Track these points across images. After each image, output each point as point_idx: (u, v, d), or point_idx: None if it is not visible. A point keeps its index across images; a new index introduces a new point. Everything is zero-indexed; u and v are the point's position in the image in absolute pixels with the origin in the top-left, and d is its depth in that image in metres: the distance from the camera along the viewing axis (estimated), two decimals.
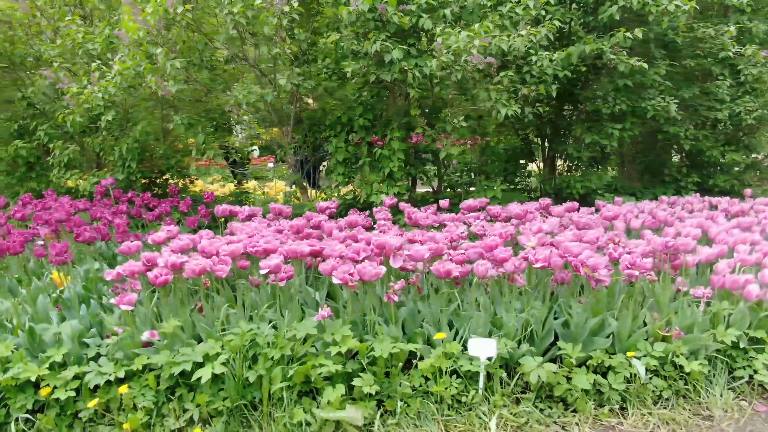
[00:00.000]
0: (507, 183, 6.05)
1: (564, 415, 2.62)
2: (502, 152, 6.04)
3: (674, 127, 5.89)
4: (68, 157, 5.40)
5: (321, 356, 2.61)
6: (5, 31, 5.21)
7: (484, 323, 2.83)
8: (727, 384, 2.81)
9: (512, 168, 5.90)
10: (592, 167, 6.10)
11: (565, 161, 6.10)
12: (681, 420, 2.59)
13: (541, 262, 2.68)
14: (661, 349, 2.72)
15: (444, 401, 2.62)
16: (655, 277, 2.94)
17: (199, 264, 2.72)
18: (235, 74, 5.09)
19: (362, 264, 2.66)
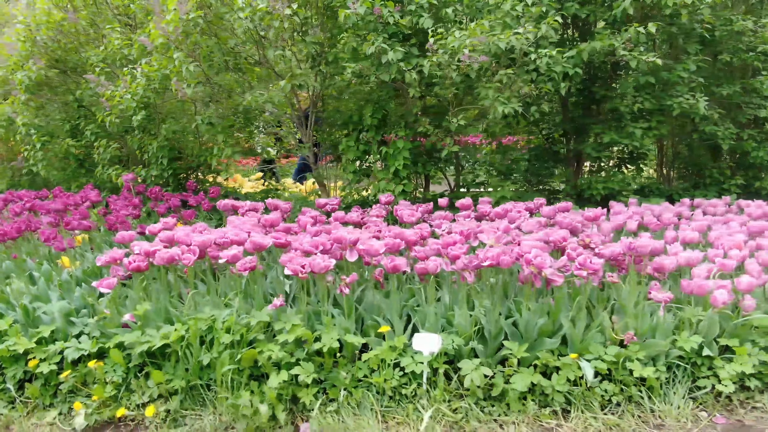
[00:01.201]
0: (528, 183, 5.94)
1: (505, 414, 2.61)
2: (526, 152, 5.93)
3: (712, 126, 5.56)
4: (110, 155, 5.87)
5: (270, 343, 2.75)
6: (59, 39, 5.74)
7: (436, 319, 2.86)
8: (688, 393, 2.69)
9: (534, 168, 5.78)
10: (620, 168, 5.87)
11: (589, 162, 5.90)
12: (626, 427, 2.52)
13: (489, 260, 2.68)
14: (613, 352, 2.65)
15: (385, 393, 2.68)
16: (616, 279, 2.86)
17: (167, 252, 2.94)
18: (262, 76, 5.35)
19: (313, 257, 2.77)
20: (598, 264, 2.63)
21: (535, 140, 6.16)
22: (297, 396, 2.67)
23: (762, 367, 2.70)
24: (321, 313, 2.93)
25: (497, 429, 2.54)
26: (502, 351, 2.78)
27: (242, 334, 2.76)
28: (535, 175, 5.88)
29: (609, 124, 5.18)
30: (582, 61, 4.52)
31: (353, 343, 2.73)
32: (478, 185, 5.85)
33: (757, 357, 2.69)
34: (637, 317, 2.78)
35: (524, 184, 5.94)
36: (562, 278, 2.72)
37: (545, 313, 2.81)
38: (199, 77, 4.76)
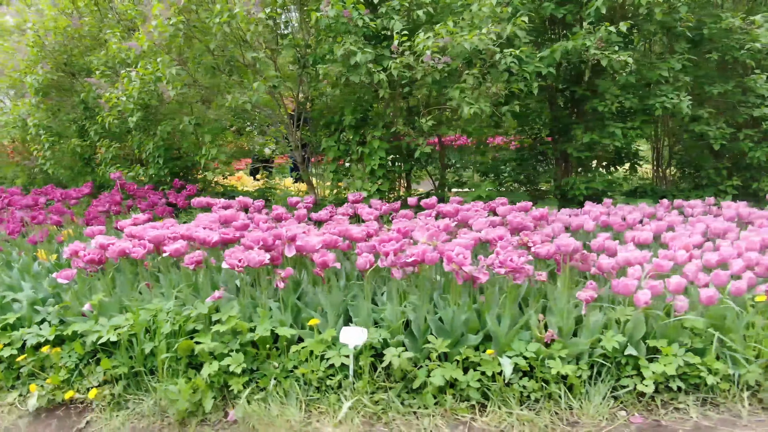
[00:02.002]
0: (516, 183, 5.93)
1: (424, 407, 2.68)
2: (512, 152, 5.94)
3: (702, 125, 5.46)
4: (112, 154, 6.15)
5: (206, 334, 2.89)
6: (65, 44, 6.05)
7: (368, 314, 2.95)
8: (611, 392, 2.70)
9: (520, 168, 5.77)
10: (608, 168, 5.81)
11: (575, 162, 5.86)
12: (540, 423, 2.55)
13: (414, 257, 2.75)
14: (533, 349, 2.69)
15: (312, 383, 2.79)
16: (544, 278, 2.89)
17: (119, 246, 3.11)
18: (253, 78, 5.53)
19: (249, 251, 2.90)
20: (517, 263, 2.67)
21: (525, 140, 6.15)
22: (228, 384, 2.81)
23: (687, 368, 2.69)
24: (259, 306, 3.05)
25: (414, 421, 2.62)
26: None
27: (180, 325, 2.91)
28: (522, 175, 5.88)
29: (590, 124, 5.15)
30: (555, 61, 4.52)
31: (284, 335, 2.84)
32: (463, 185, 5.89)
33: (682, 358, 2.68)
34: (564, 316, 2.81)
35: (512, 184, 5.95)
36: (488, 276, 2.77)
37: (473, 310, 2.86)
38: (185, 80, 4.96)
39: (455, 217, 3.63)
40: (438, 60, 4.08)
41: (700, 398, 2.70)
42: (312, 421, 2.66)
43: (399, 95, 4.70)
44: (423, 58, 4.06)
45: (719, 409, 2.65)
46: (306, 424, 2.64)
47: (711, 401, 2.69)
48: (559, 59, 4.48)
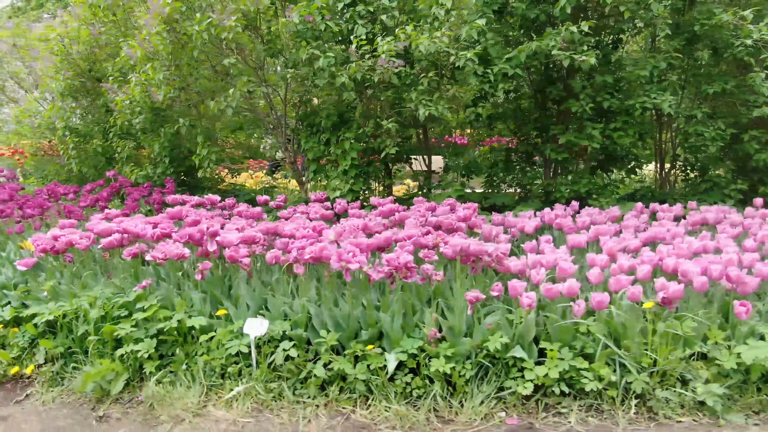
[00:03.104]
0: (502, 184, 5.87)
1: (315, 397, 2.80)
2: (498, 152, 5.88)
3: (698, 126, 5.23)
4: (127, 154, 6.62)
5: (128, 320, 3.14)
6: (86, 52, 6.57)
7: (280, 306, 3.11)
8: (496, 393, 2.72)
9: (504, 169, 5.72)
10: (596, 170, 5.64)
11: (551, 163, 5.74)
12: (415, 419, 2.62)
13: (309, 254, 2.88)
14: (416, 346, 2.75)
15: (215, 370, 2.98)
16: (440, 278, 2.93)
17: (66, 238, 3.43)
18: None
19: (169, 245, 3.13)
20: (404, 261, 2.74)
21: (519, 142, 6.09)
22: (143, 366, 3.04)
23: (574, 372, 2.66)
24: (183, 296, 3.27)
25: (298, 409, 2.74)
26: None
27: (107, 311, 3.18)
28: (510, 176, 5.82)
29: (569, 125, 5.06)
30: (521, 62, 4.50)
31: (195, 324, 3.04)
32: (448, 185, 5.90)
33: (569, 362, 2.66)
34: (456, 315, 2.85)
35: (500, 185, 5.90)
36: (382, 274, 2.86)
37: (372, 307, 2.96)
38: (176, 84, 5.29)
39: (392, 216, 3.72)
40: (393, 63, 4.16)
41: (586, 404, 2.67)
42: (208, 404, 2.84)
43: (366, 97, 4.81)
44: (378, 61, 4.15)
45: (603, 415, 2.62)
46: (202, 406, 2.83)
47: (596, 407, 2.65)
48: (524, 60, 4.44)
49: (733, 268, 2.81)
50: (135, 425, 2.74)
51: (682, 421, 2.55)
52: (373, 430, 2.58)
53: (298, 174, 5.97)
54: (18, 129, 7.70)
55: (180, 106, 5.57)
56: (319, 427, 2.62)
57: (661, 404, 2.60)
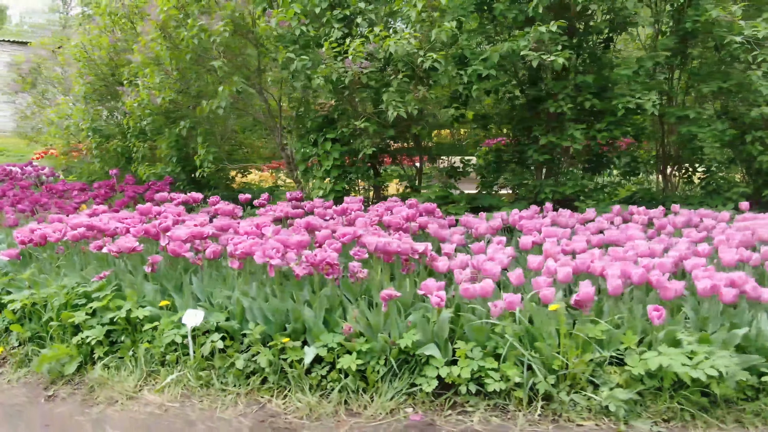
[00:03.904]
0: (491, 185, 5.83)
1: (239, 387, 2.94)
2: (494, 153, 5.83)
3: (691, 126, 5.04)
4: (142, 154, 7.00)
5: (85, 308, 3.37)
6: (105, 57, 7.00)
7: (220, 299, 3.27)
8: (407, 389, 2.77)
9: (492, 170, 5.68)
10: (587, 171, 5.52)
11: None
12: (323, 410, 2.71)
13: (241, 250, 3.02)
14: (335, 341, 2.84)
15: (155, 357, 3.16)
16: (365, 275, 3.01)
17: (41, 231, 3.71)
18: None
19: (123, 240, 3.35)
20: (321, 258, 2.84)
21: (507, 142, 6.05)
22: (95, 351, 3.27)
23: (482, 372, 2.68)
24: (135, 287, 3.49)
25: (221, 397, 2.89)
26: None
27: (68, 300, 3.43)
28: (500, 177, 5.79)
29: (551, 126, 4.99)
30: (494, 63, 4.49)
31: (139, 315, 3.24)
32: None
33: (477, 362, 2.69)
34: (375, 312, 2.91)
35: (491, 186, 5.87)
36: (306, 271, 2.97)
37: (301, 302, 3.07)
38: (176, 87, 5.58)
39: (346, 216, 3.81)
40: (360, 64, 4.26)
41: (493, 404, 2.68)
42: (144, 389, 3.03)
43: (344, 99, 4.91)
44: (345, 63, 4.26)
45: (507, 416, 2.63)
46: (138, 390, 3.02)
47: (503, 407, 2.67)
48: (497, 61, 4.43)
49: (655, 273, 2.75)
50: (74, 405, 2.96)
51: (583, 425, 2.53)
52: (283, 419, 2.69)
53: (293, 174, 6.15)
54: (50, 130, 8.27)
55: (181, 108, 5.85)
56: (234, 413, 2.76)
57: (565, 407, 2.59)
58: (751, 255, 3.22)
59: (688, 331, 2.73)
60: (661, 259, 2.93)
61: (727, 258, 3.14)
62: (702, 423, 2.53)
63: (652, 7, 5.42)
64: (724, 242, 3.37)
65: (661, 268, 2.89)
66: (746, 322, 2.85)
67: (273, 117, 5.89)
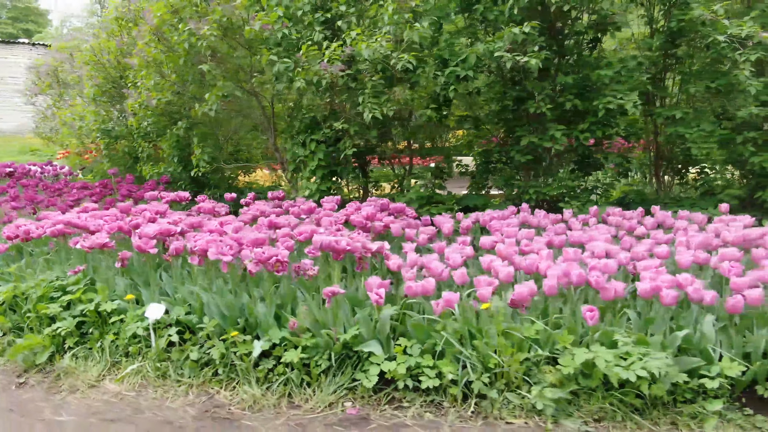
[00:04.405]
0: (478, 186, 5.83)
1: (193, 378, 3.06)
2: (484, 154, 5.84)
3: (678, 127, 4.98)
4: (147, 154, 7.23)
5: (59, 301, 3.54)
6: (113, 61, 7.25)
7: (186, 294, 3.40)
8: (349, 383, 2.85)
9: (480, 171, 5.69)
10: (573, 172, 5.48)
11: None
12: (266, 402, 2.81)
13: (199, 248, 3.14)
14: (279, 336, 2.93)
15: (119, 349, 3.31)
16: (314, 273, 3.09)
17: (25, 227, 3.90)
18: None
19: (95, 236, 3.50)
20: (269, 256, 2.94)
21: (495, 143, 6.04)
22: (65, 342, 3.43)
23: (419, 368, 2.74)
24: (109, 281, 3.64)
25: (175, 387, 3.01)
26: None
27: (44, 293, 3.61)
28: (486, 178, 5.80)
29: (533, 127, 4.99)
30: (471, 64, 4.52)
31: (106, 308, 3.39)
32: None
33: (415, 358, 2.74)
34: (322, 309, 3.00)
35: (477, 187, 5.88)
36: (258, 268, 3.07)
37: (256, 297, 3.17)
38: (171, 89, 5.75)
39: (312, 215, 3.90)
40: (336, 67, 4.34)
41: (430, 400, 2.73)
42: (106, 378, 3.18)
43: (325, 100, 5.00)
44: (320, 66, 4.35)
45: (441, 412, 2.68)
46: (100, 380, 3.17)
47: (438, 404, 2.72)
48: (474, 62, 4.46)
49: (596, 273, 2.76)
50: (41, 392, 3.12)
51: (513, 423, 2.57)
52: (226, 409, 2.80)
53: (286, 174, 6.27)
54: (63, 131, 8.59)
55: (178, 109, 6.03)
56: (183, 403, 2.88)
57: (497, 405, 2.63)
58: (708, 257, 3.19)
59: (628, 332, 2.73)
60: (607, 261, 2.93)
61: (682, 260, 3.13)
62: (632, 424, 2.54)
63: (645, 6, 5.38)
64: (683, 244, 3.35)
65: (605, 269, 2.90)
66: (691, 324, 2.84)
67: (267, 119, 6.02)
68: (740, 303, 2.71)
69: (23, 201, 5.10)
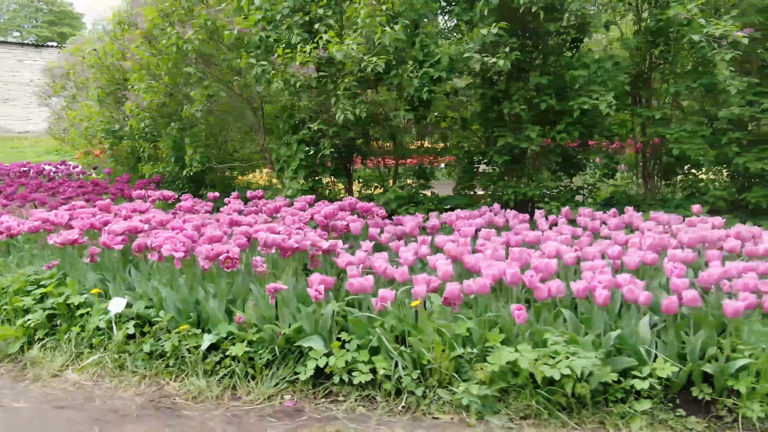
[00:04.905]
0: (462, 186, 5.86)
1: (147, 369, 3.18)
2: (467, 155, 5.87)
3: (658, 128, 4.94)
4: (147, 154, 7.44)
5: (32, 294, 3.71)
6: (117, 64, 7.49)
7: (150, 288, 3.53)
8: (291, 377, 2.93)
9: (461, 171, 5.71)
10: (556, 173, 5.46)
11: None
12: (210, 393, 2.91)
13: (156, 244, 3.27)
14: (225, 330, 3.03)
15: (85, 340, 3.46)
16: (262, 270, 3.18)
17: (7, 224, 4.09)
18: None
19: (67, 232, 3.66)
20: (216, 252, 3.04)
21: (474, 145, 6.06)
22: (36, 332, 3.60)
23: (354, 364, 2.81)
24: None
25: (129, 377, 3.14)
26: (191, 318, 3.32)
27: (20, 286, 3.78)
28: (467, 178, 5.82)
29: (512, 127, 5.01)
30: (444, 66, 4.57)
31: (73, 301, 3.54)
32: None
33: (351, 354, 2.82)
34: (268, 304, 3.09)
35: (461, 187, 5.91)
36: (210, 264, 3.18)
37: (209, 293, 3.28)
38: (163, 91, 5.93)
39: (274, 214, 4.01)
40: (309, 69, 4.44)
41: (366, 394, 2.80)
42: (69, 368, 3.33)
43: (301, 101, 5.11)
44: (293, 68, 4.45)
45: (373, 406, 2.74)
46: (63, 369, 3.32)
47: (372, 398, 2.78)
48: (445, 64, 4.51)
49: (530, 273, 2.79)
50: (8, 380, 3.28)
51: (440, 418, 2.62)
52: (171, 400, 2.91)
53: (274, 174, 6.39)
54: (71, 132, 8.89)
55: (173, 110, 6.21)
56: (134, 393, 3.00)
57: (426, 401, 2.68)
58: (656, 258, 3.18)
59: (563, 332, 2.76)
60: (549, 261, 2.96)
61: (629, 261, 3.13)
62: (558, 422, 2.56)
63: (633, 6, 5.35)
64: (635, 245, 3.35)
65: (545, 269, 2.93)
66: (628, 324, 2.84)
67: (258, 120, 6.15)
68: (674, 304, 2.72)
69: (19, 199, 5.34)
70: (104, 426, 2.65)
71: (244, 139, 7.61)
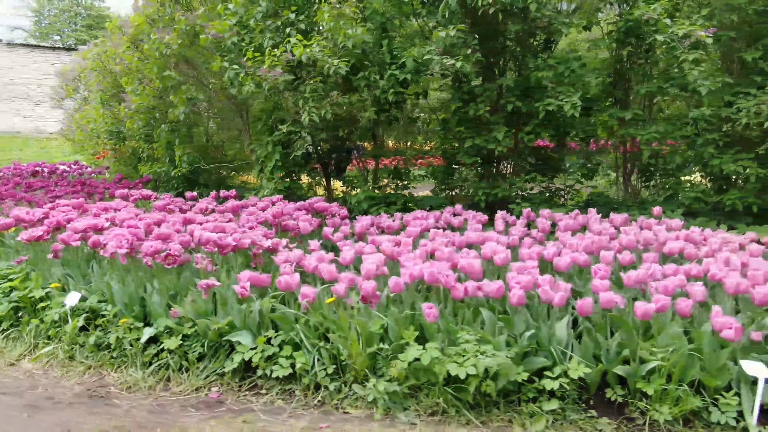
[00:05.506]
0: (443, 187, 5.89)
1: (94, 360, 3.33)
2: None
3: (629, 129, 4.89)
4: (146, 154, 7.69)
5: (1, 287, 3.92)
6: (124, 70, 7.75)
7: (103, 284, 3.69)
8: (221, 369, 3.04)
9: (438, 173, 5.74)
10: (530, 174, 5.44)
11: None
12: (144, 384, 3.04)
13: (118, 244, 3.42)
14: (164, 324, 3.16)
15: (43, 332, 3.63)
16: (201, 265, 3.30)
17: None
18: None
19: (33, 230, 3.85)
20: (155, 249, 3.17)
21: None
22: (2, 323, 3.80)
23: (276, 358, 2.90)
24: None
25: (76, 368, 3.30)
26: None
27: None
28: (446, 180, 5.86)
29: (479, 128, 5.03)
30: (410, 69, 4.63)
31: (34, 295, 3.73)
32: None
33: (272, 349, 2.91)
34: (203, 300, 3.20)
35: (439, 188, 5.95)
36: (175, 263, 3.31)
37: (156, 289, 3.42)
38: (152, 93, 6.14)
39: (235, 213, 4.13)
40: (275, 71, 4.55)
41: (288, 388, 2.89)
42: (26, 358, 3.51)
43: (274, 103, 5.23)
44: (259, 71, 4.57)
45: (291, 399, 2.83)
46: (20, 359, 3.50)
47: (292, 392, 2.87)
48: (410, 66, 4.56)
49: (447, 272, 2.83)
50: None
51: (350, 413, 2.69)
52: (107, 389, 3.05)
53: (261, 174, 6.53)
54: (78, 133, 9.22)
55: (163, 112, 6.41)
56: (75, 382, 3.15)
57: (340, 396, 2.75)
58: (588, 260, 3.19)
59: (475, 330, 2.79)
60: (472, 261, 2.99)
61: (560, 262, 3.14)
62: (463, 420, 2.60)
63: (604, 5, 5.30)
64: (572, 246, 3.35)
65: (469, 269, 2.97)
66: (551, 326, 2.86)
67: (244, 121, 6.31)
68: (589, 305, 2.73)
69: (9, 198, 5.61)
70: (33, 411, 2.80)
71: (235, 140, 7.79)
